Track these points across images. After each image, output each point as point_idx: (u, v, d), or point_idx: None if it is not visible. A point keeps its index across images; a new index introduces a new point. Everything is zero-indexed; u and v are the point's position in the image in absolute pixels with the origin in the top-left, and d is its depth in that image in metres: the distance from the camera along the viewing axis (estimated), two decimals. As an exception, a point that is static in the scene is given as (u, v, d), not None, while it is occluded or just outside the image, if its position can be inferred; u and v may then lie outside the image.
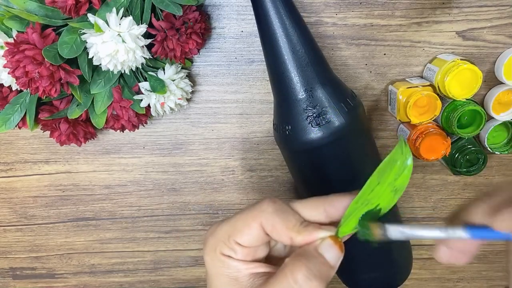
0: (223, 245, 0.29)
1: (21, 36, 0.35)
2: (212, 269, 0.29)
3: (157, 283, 0.56)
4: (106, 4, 0.36)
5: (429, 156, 0.42)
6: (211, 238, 0.29)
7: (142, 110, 0.41)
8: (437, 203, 0.51)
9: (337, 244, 0.27)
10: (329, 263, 0.27)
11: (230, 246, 0.28)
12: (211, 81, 0.45)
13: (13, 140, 0.48)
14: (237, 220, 0.29)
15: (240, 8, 0.43)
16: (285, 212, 0.28)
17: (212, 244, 0.29)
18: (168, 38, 0.38)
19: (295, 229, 0.27)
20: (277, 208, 0.28)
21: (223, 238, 0.29)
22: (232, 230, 0.29)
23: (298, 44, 0.36)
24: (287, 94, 0.37)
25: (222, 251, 0.28)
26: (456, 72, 0.39)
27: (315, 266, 0.26)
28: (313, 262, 0.26)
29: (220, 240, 0.29)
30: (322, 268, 0.26)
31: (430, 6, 0.42)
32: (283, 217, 0.28)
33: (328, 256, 0.27)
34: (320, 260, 0.27)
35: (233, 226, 0.29)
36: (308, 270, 0.26)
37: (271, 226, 0.28)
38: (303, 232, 0.27)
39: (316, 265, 0.26)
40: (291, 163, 0.42)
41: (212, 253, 0.29)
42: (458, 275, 0.54)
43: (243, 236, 0.28)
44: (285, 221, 0.28)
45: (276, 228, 0.28)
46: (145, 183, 0.50)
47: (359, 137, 0.39)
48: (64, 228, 0.53)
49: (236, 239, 0.28)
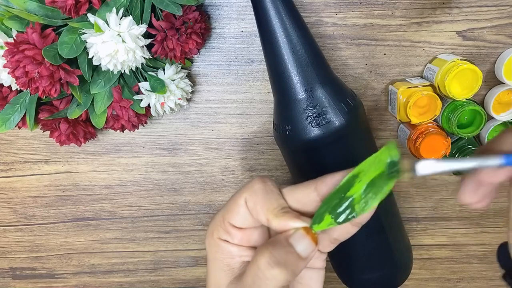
0: (219, 229, 0.29)
1: (21, 36, 0.35)
2: (210, 254, 0.29)
3: (157, 283, 0.55)
4: (106, 4, 0.36)
5: (429, 156, 0.42)
6: (211, 224, 0.30)
7: (142, 110, 0.41)
8: (437, 203, 0.51)
9: (309, 236, 0.26)
10: (299, 254, 0.26)
11: (225, 229, 0.28)
12: (211, 81, 0.45)
13: (13, 140, 0.48)
14: (228, 201, 0.29)
15: (240, 8, 0.43)
16: (270, 193, 0.28)
17: (211, 228, 0.29)
18: (168, 38, 0.38)
19: (274, 212, 0.27)
20: (263, 188, 0.28)
21: (219, 222, 0.29)
22: (225, 212, 0.29)
23: (298, 44, 0.36)
24: (287, 94, 0.37)
25: (219, 235, 0.29)
26: (456, 72, 0.39)
27: (279, 254, 0.26)
28: (278, 249, 0.26)
29: (217, 224, 0.29)
30: (288, 257, 0.26)
31: (430, 6, 0.42)
32: (267, 198, 0.27)
33: (298, 247, 0.26)
34: (287, 249, 0.26)
35: (226, 207, 0.29)
36: (271, 256, 0.25)
37: (253, 203, 0.27)
38: (280, 217, 0.27)
39: (281, 253, 0.26)
40: (291, 163, 0.42)
41: (210, 238, 0.29)
42: (458, 275, 0.54)
43: (233, 215, 0.28)
44: (267, 202, 0.27)
45: (256, 207, 0.27)
46: (145, 183, 0.50)
47: (359, 137, 0.39)
48: (64, 228, 0.53)
49: (229, 220, 0.28)
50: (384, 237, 0.42)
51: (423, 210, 0.51)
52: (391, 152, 0.26)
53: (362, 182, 0.26)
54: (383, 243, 0.42)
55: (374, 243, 0.42)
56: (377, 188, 0.26)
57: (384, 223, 0.42)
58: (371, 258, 0.43)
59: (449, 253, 0.53)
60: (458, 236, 0.52)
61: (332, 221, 0.26)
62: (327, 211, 0.26)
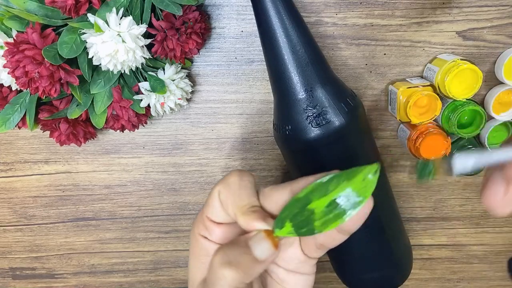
0: (199, 224, 0.28)
1: (21, 36, 0.35)
2: (190, 249, 0.29)
3: (157, 283, 0.55)
4: (106, 4, 0.36)
5: (429, 156, 0.42)
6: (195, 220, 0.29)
7: (142, 110, 0.41)
8: (437, 203, 0.51)
9: (270, 239, 0.25)
10: (256, 257, 0.25)
11: (204, 224, 0.28)
12: (211, 81, 0.45)
13: (13, 140, 0.48)
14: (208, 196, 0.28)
15: (240, 8, 0.43)
16: (243, 189, 0.27)
17: (193, 224, 0.29)
18: (168, 38, 0.38)
19: (242, 210, 0.26)
20: (238, 183, 0.27)
21: (200, 217, 0.28)
22: (204, 205, 0.28)
23: (298, 44, 0.36)
24: (287, 94, 0.37)
25: (199, 231, 0.28)
26: (456, 72, 0.39)
27: (233, 254, 0.25)
28: (233, 250, 0.25)
29: (198, 219, 0.28)
30: (243, 258, 0.25)
31: (430, 6, 0.42)
32: (238, 193, 0.26)
33: (256, 250, 0.25)
34: (243, 250, 0.25)
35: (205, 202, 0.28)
36: (224, 256, 0.25)
37: (225, 196, 0.27)
38: (246, 215, 0.26)
39: (235, 253, 0.25)
40: (291, 163, 0.42)
41: (192, 233, 0.29)
42: (458, 275, 0.54)
43: (209, 208, 0.27)
44: (237, 198, 0.26)
45: (227, 200, 0.26)
46: (145, 183, 0.50)
47: (359, 137, 0.39)
48: (64, 228, 0.53)
49: (207, 214, 0.27)
50: (384, 237, 0.42)
51: (423, 210, 0.51)
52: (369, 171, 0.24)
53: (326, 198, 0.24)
54: (383, 243, 0.42)
55: (374, 243, 0.42)
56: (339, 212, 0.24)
57: (384, 223, 0.42)
58: (371, 258, 0.43)
59: (449, 253, 0.53)
60: (458, 236, 0.52)
61: (292, 230, 0.25)
62: (287, 218, 0.25)
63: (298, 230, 0.25)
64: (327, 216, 0.24)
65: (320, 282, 0.55)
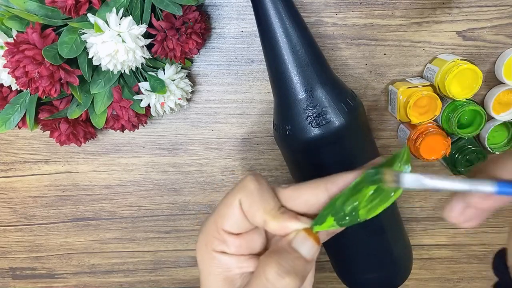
0: (213, 240, 0.27)
1: (21, 36, 0.35)
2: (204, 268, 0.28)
3: (157, 283, 0.55)
4: (106, 4, 0.36)
5: (429, 156, 0.42)
6: (201, 234, 0.28)
7: (142, 110, 0.41)
8: (437, 203, 0.51)
9: (312, 237, 0.26)
10: (304, 257, 0.25)
11: (220, 238, 0.27)
12: (211, 81, 0.45)
13: (13, 140, 0.48)
14: (219, 205, 0.27)
15: (240, 8, 0.43)
16: (266, 193, 0.26)
17: (202, 240, 0.27)
18: (168, 38, 0.38)
19: (272, 213, 0.26)
20: (258, 187, 0.26)
21: (212, 231, 0.27)
22: (217, 217, 0.27)
23: (298, 44, 0.36)
24: (287, 94, 0.37)
25: (213, 247, 0.27)
26: (456, 72, 0.39)
27: (287, 262, 0.25)
28: (285, 257, 0.25)
29: (210, 234, 0.27)
30: (296, 263, 0.25)
31: (430, 6, 0.42)
32: (263, 198, 0.26)
33: (302, 250, 0.25)
34: (294, 255, 0.25)
35: (217, 212, 0.27)
36: (280, 267, 0.24)
37: (249, 205, 0.26)
38: (279, 218, 0.26)
39: (288, 260, 0.25)
40: (291, 163, 0.42)
41: (203, 250, 0.27)
42: (458, 275, 0.54)
43: (228, 219, 0.26)
44: (263, 202, 0.26)
45: (252, 208, 0.26)
46: (145, 183, 0.50)
47: (359, 137, 0.39)
48: (64, 228, 0.52)
49: (223, 227, 0.26)
50: (384, 237, 0.42)
51: (423, 210, 0.51)
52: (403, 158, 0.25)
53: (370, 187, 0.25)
54: (383, 243, 0.42)
55: (374, 243, 0.42)
56: (384, 195, 0.25)
57: (384, 223, 0.42)
58: (371, 258, 0.43)
59: (449, 253, 0.53)
60: (458, 236, 0.52)
61: (334, 223, 0.26)
62: (330, 213, 0.26)
63: (340, 222, 0.26)
64: (372, 202, 0.25)
65: (320, 282, 0.55)
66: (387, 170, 0.25)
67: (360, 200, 0.26)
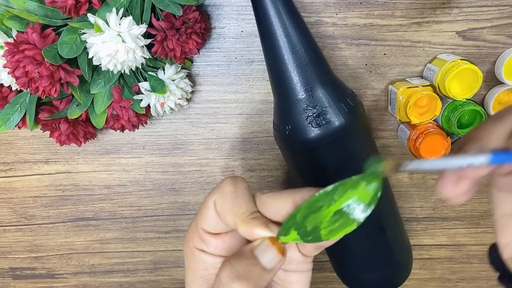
0: (195, 237, 0.27)
1: (21, 36, 0.35)
2: (186, 263, 0.28)
3: (157, 283, 0.55)
4: (106, 4, 0.36)
5: (429, 156, 0.42)
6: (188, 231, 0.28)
7: (142, 110, 0.41)
8: (437, 203, 0.51)
9: (276, 246, 0.25)
10: (263, 265, 0.25)
11: (200, 236, 0.27)
12: (211, 81, 0.45)
13: (13, 140, 0.48)
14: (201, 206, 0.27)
15: (240, 8, 0.43)
16: (240, 197, 0.26)
17: (187, 236, 0.28)
18: (168, 38, 0.38)
19: (242, 218, 0.25)
20: (233, 190, 0.26)
21: (194, 229, 0.27)
22: (198, 216, 0.27)
23: (298, 44, 0.36)
24: (287, 94, 0.37)
25: (194, 244, 0.27)
26: (456, 72, 0.39)
27: (241, 267, 0.24)
28: (241, 262, 0.25)
29: (192, 231, 0.28)
30: (251, 269, 0.24)
31: (430, 6, 0.42)
32: (236, 201, 0.26)
33: (263, 259, 0.25)
34: (251, 261, 0.25)
35: (199, 212, 0.27)
36: (232, 270, 0.24)
37: (221, 206, 0.26)
38: (248, 223, 0.25)
39: (243, 265, 0.24)
40: (291, 163, 0.42)
41: (186, 246, 0.28)
42: (458, 275, 0.54)
43: (204, 219, 0.27)
44: (235, 206, 0.26)
45: (224, 210, 0.26)
46: (145, 183, 0.50)
47: (359, 137, 0.39)
48: (64, 228, 0.52)
49: (202, 226, 0.27)
50: (384, 237, 0.42)
51: (423, 210, 0.51)
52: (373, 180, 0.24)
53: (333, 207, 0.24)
54: (383, 243, 0.42)
55: (374, 243, 0.42)
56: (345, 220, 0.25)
57: (384, 223, 0.42)
58: (371, 258, 0.43)
59: (449, 253, 0.53)
60: (458, 236, 0.52)
61: (298, 237, 0.25)
62: (292, 227, 0.25)
63: (304, 238, 0.25)
64: (334, 224, 0.25)
65: (320, 282, 0.55)
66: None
67: (321, 220, 0.25)
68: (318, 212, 0.25)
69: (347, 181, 0.25)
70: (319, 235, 0.25)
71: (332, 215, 0.25)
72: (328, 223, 0.25)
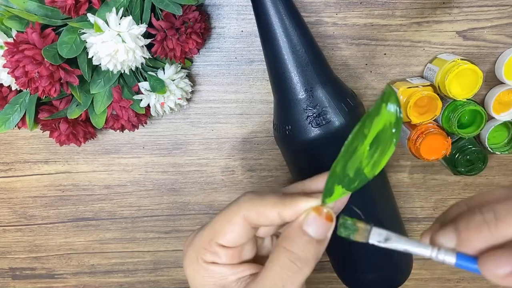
0: (204, 251, 0.27)
1: (20, 36, 0.35)
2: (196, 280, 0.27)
3: (157, 283, 0.55)
4: (106, 4, 0.35)
5: (430, 156, 0.42)
6: (190, 248, 0.28)
7: (142, 110, 0.41)
8: (437, 203, 0.51)
9: (322, 216, 0.25)
10: (316, 238, 0.25)
11: (212, 250, 0.27)
12: (211, 81, 0.45)
13: (13, 140, 0.48)
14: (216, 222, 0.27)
15: (240, 8, 0.43)
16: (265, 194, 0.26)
17: (192, 253, 0.27)
18: (168, 38, 0.38)
19: (281, 204, 0.25)
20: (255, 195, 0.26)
21: (204, 244, 0.27)
22: (213, 233, 0.27)
23: (298, 44, 0.36)
24: (287, 94, 0.37)
25: (204, 258, 0.27)
26: (456, 72, 0.39)
27: (299, 248, 0.24)
28: (296, 243, 0.24)
29: (201, 247, 0.27)
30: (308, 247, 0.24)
31: (431, 6, 0.42)
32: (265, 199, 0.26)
33: (312, 232, 0.25)
34: (304, 239, 0.24)
35: (213, 228, 0.27)
36: (292, 254, 0.24)
37: (256, 213, 0.26)
38: (289, 203, 0.25)
39: (300, 246, 0.24)
40: (291, 163, 0.42)
41: (194, 263, 0.27)
42: (458, 275, 0.54)
43: (226, 235, 0.26)
44: (268, 201, 0.26)
45: (260, 212, 0.26)
46: (145, 183, 0.50)
47: (359, 137, 0.39)
48: (64, 228, 0.52)
49: (218, 241, 0.26)
50: (384, 237, 0.42)
51: (423, 210, 0.51)
52: (390, 99, 0.24)
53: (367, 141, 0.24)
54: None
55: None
56: (383, 144, 0.24)
57: (385, 223, 0.42)
58: (371, 258, 0.43)
59: (449, 253, 0.53)
60: (458, 236, 0.52)
61: (344, 190, 0.25)
62: (335, 182, 0.25)
63: (350, 187, 0.25)
64: (374, 157, 0.24)
65: (320, 282, 0.54)
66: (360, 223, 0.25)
67: (361, 159, 0.24)
68: (355, 153, 0.25)
69: (369, 112, 0.24)
70: (364, 175, 0.25)
71: (368, 148, 0.24)
72: (368, 158, 0.24)
